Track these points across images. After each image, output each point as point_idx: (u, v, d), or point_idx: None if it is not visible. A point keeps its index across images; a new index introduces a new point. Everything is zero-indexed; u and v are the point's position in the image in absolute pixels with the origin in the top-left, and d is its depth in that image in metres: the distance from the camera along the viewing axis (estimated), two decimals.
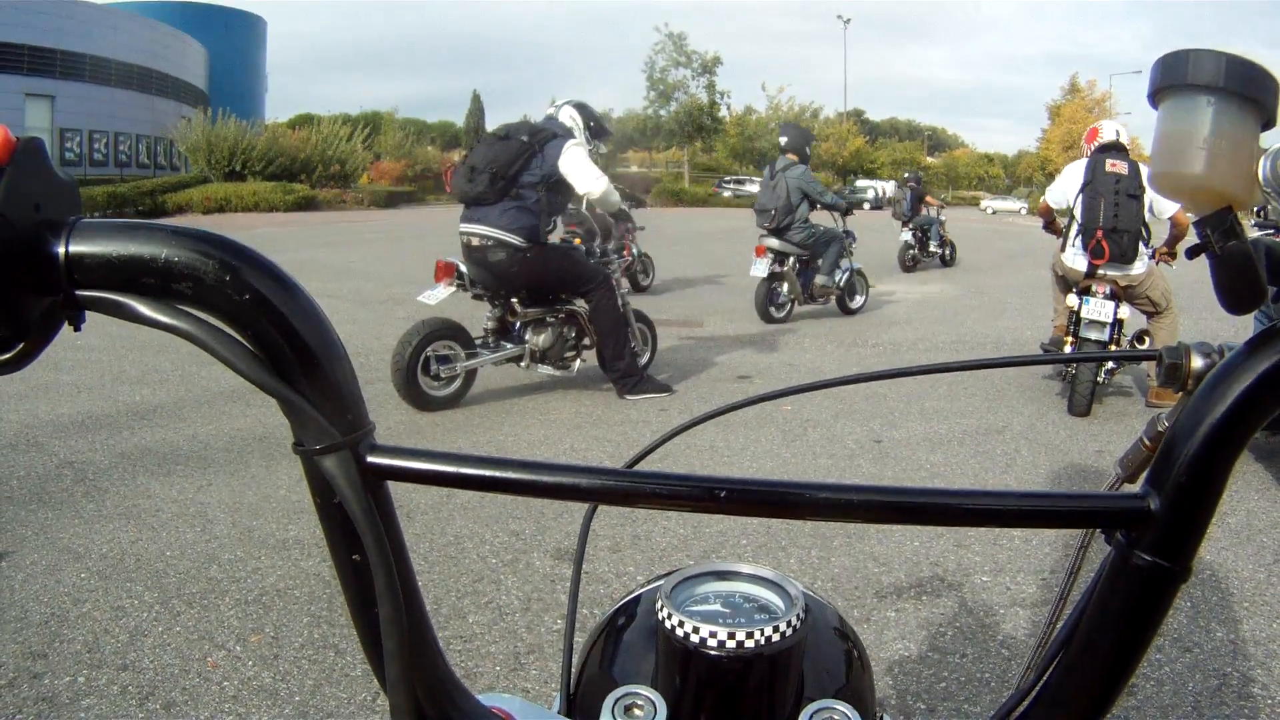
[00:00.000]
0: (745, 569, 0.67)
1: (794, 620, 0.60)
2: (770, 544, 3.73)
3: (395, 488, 0.52)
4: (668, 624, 0.61)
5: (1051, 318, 6.58)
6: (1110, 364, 6.00)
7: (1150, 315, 6.03)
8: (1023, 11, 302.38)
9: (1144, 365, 6.24)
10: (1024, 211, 54.26)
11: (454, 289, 5.71)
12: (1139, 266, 5.74)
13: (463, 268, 5.63)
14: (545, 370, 6.05)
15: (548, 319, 5.97)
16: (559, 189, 5.62)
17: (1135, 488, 0.52)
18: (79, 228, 0.43)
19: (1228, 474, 0.48)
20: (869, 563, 3.56)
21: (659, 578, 0.73)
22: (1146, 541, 0.49)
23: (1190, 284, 5.78)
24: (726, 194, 49.22)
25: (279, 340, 0.46)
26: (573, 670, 0.78)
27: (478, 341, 5.83)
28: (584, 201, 6.43)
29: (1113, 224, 5.60)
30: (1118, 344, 5.77)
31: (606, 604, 3.20)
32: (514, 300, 5.79)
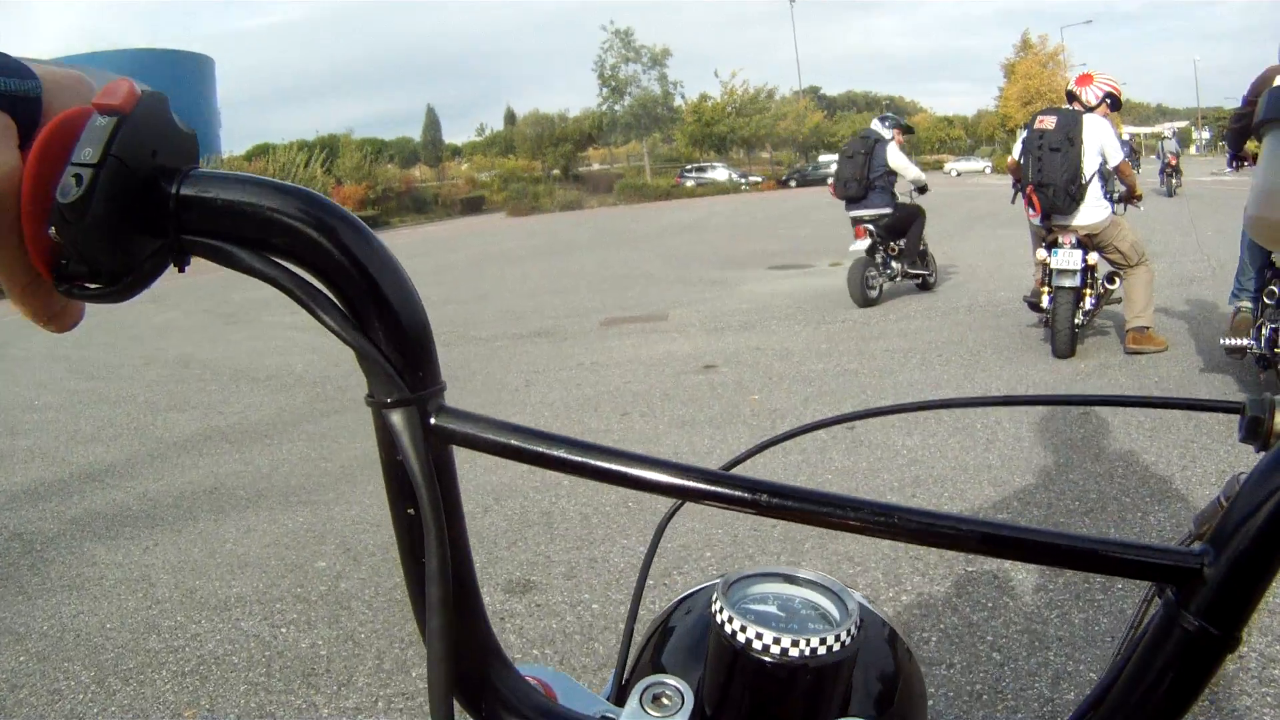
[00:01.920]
0: (806, 575, 0.65)
1: (844, 635, 0.57)
2: (736, 554, 3.59)
3: None
4: (719, 620, 0.59)
5: (1032, 272, 6.75)
6: (1089, 304, 6.19)
7: (1122, 268, 6.13)
8: None
9: (1121, 308, 6.43)
10: (988, 171, 54.53)
11: (869, 240, 8.97)
12: (1092, 215, 5.92)
13: (871, 227, 8.97)
14: (912, 274, 9.55)
15: (903, 244, 9.38)
16: (891, 173, 9.04)
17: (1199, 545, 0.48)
18: (191, 176, 0.46)
19: None
20: (843, 563, 3.43)
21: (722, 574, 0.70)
22: (1197, 603, 0.46)
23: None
24: (689, 183, 49.18)
25: (362, 295, 0.48)
26: (629, 658, 0.79)
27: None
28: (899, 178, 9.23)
29: (1038, 179, 5.87)
30: (1091, 289, 6.10)
31: (520, 637, 3.13)
32: (890, 241, 9.30)
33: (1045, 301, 6.25)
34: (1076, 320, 6.16)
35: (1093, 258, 6.01)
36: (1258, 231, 0.89)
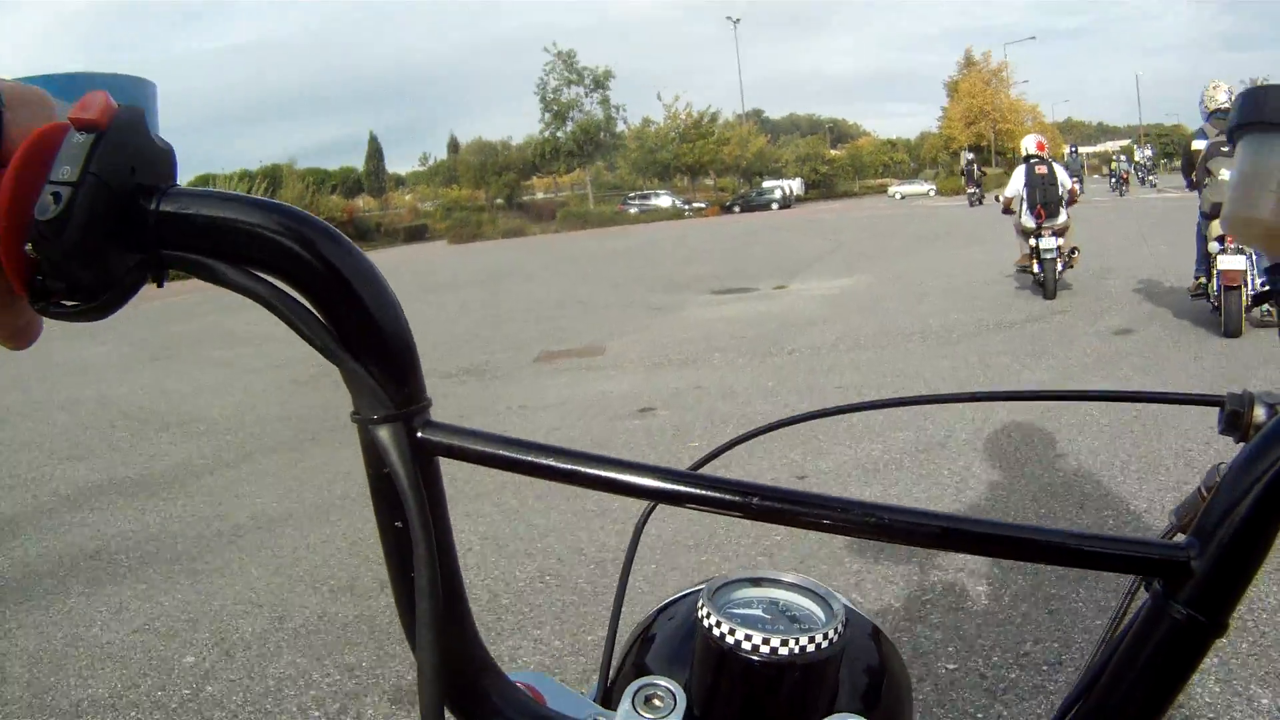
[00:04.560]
0: (789, 578, 0.65)
1: (831, 633, 0.58)
2: (706, 569, 3.03)
3: None
4: (705, 623, 0.59)
5: (1016, 259, 10.79)
6: (1060, 267, 9.95)
7: (1069, 244, 10.15)
8: None
9: (1073, 259, 10.27)
10: (932, 193, 54.77)
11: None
12: (1062, 217, 10.00)
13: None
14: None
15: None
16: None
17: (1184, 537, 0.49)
18: (170, 193, 0.46)
19: (1276, 531, 0.46)
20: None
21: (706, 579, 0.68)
22: (1184, 594, 0.47)
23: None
24: (633, 210, 48.89)
25: (346, 312, 0.47)
26: (612, 662, 0.79)
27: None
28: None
29: (1043, 200, 9.93)
30: (1062, 258, 9.96)
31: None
32: None
33: (1036, 268, 10.06)
34: (1055, 277, 9.95)
35: (1059, 240, 9.90)
36: (1234, 229, 0.68)
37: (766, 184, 55.53)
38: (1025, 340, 7.84)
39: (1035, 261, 10.00)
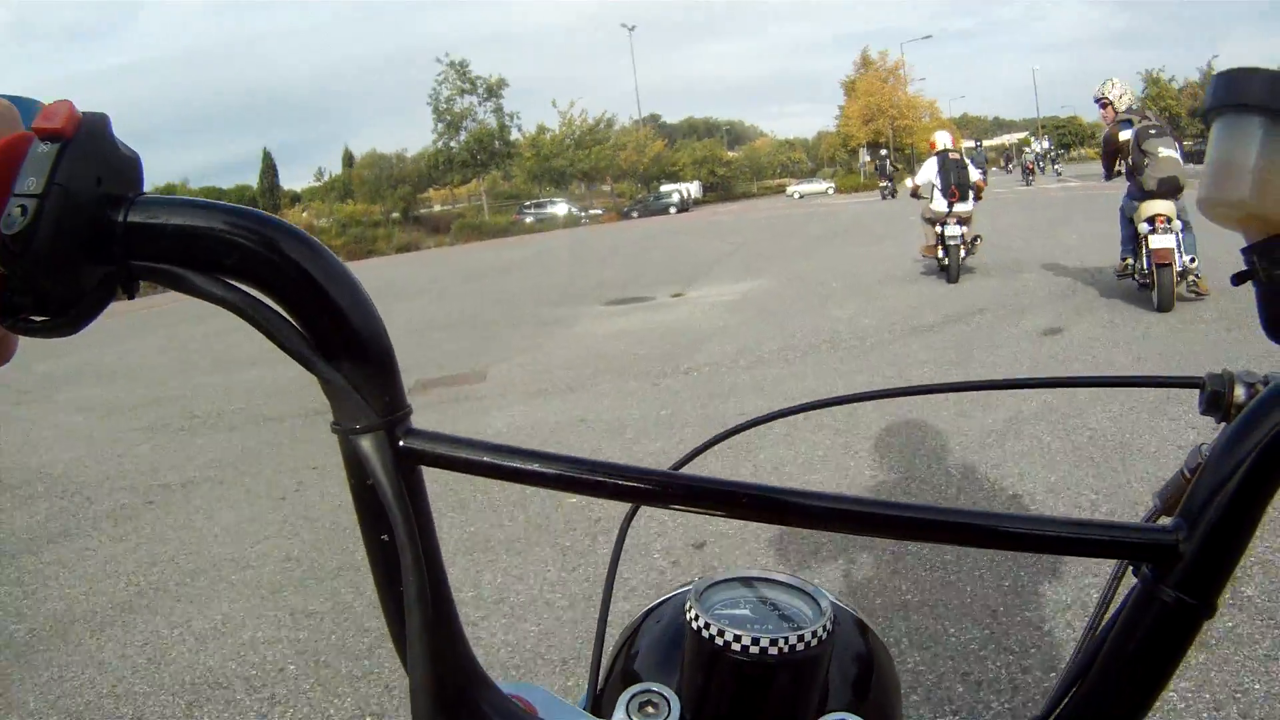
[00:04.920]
0: (777, 577, 0.67)
1: (820, 630, 0.60)
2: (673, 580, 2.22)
3: None
4: (695, 625, 0.61)
5: (922, 244, 11.27)
6: (964, 253, 10.59)
7: (971, 232, 10.75)
8: None
9: (975, 246, 10.88)
10: (831, 191, 54.90)
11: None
12: (968, 205, 10.51)
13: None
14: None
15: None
16: None
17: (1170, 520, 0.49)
18: (138, 202, 0.45)
19: (1263, 511, 0.46)
20: None
21: (691, 581, 0.71)
22: (1173, 577, 0.47)
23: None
24: (529, 220, 47.98)
25: (323, 319, 0.46)
26: (601, 668, 0.79)
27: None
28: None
29: (957, 181, 10.40)
30: (965, 245, 10.54)
31: None
32: None
33: (940, 253, 10.70)
34: (959, 262, 10.56)
35: (964, 228, 10.53)
36: (1208, 211, 0.49)
37: (664, 188, 55.17)
38: (946, 346, 7.17)
39: (941, 248, 10.68)
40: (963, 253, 10.60)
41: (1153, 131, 7.65)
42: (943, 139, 11.01)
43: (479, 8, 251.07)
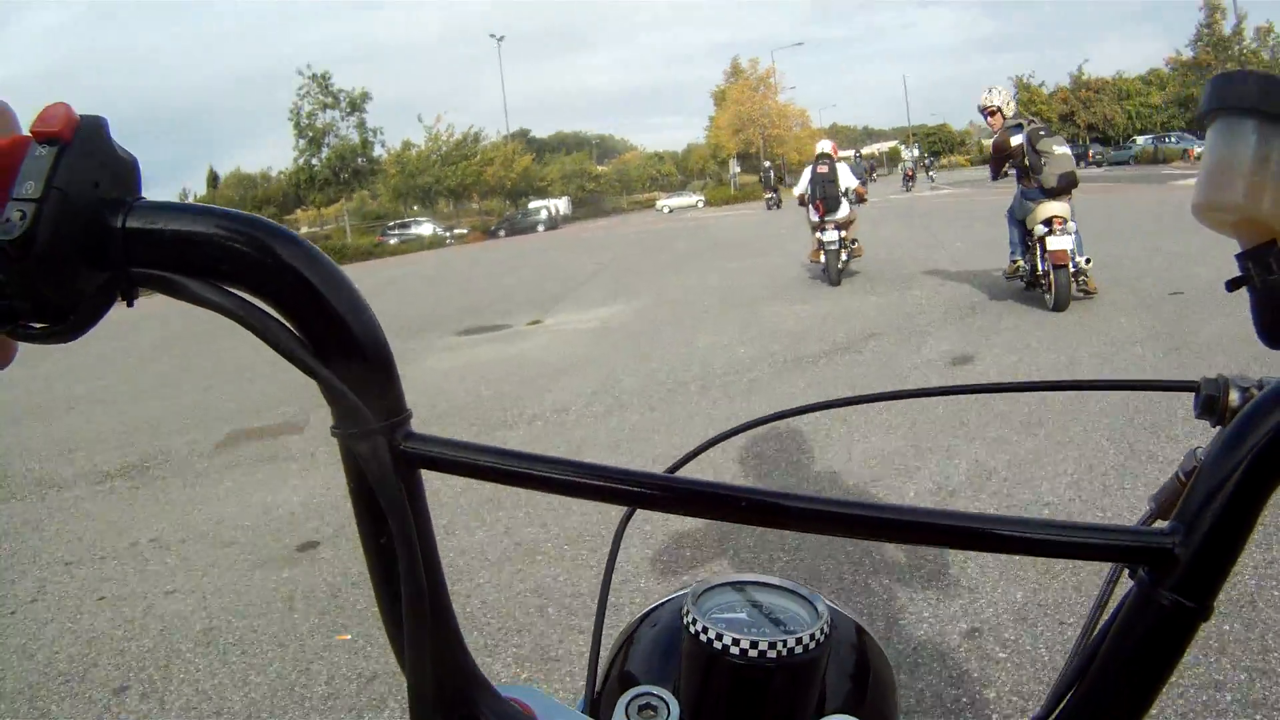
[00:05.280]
0: (773, 581, 0.68)
1: (817, 634, 0.61)
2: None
3: None
4: (693, 629, 0.62)
5: (809, 253, 11.74)
6: (844, 257, 11.24)
7: (852, 237, 11.32)
8: (680, 6, 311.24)
9: (856, 249, 11.49)
10: (701, 204, 54.57)
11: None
12: (843, 211, 10.95)
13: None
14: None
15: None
16: None
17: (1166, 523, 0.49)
18: (137, 207, 0.45)
19: (1258, 514, 0.46)
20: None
21: (687, 586, 0.72)
22: (1170, 580, 0.47)
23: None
24: (393, 241, 46.19)
25: (321, 324, 0.46)
26: (599, 671, 0.79)
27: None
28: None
29: (823, 196, 10.83)
30: (846, 248, 11.20)
31: None
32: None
33: (822, 258, 11.15)
34: (839, 265, 11.13)
35: (842, 233, 11.01)
36: (1204, 215, 0.53)
37: (533, 205, 54.00)
38: (838, 381, 6.39)
39: (821, 253, 11.20)
40: (844, 255, 11.23)
41: (1043, 132, 7.96)
42: (822, 146, 11.47)
43: (349, 22, 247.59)
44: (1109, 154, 49.99)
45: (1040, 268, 7.97)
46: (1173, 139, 48.20)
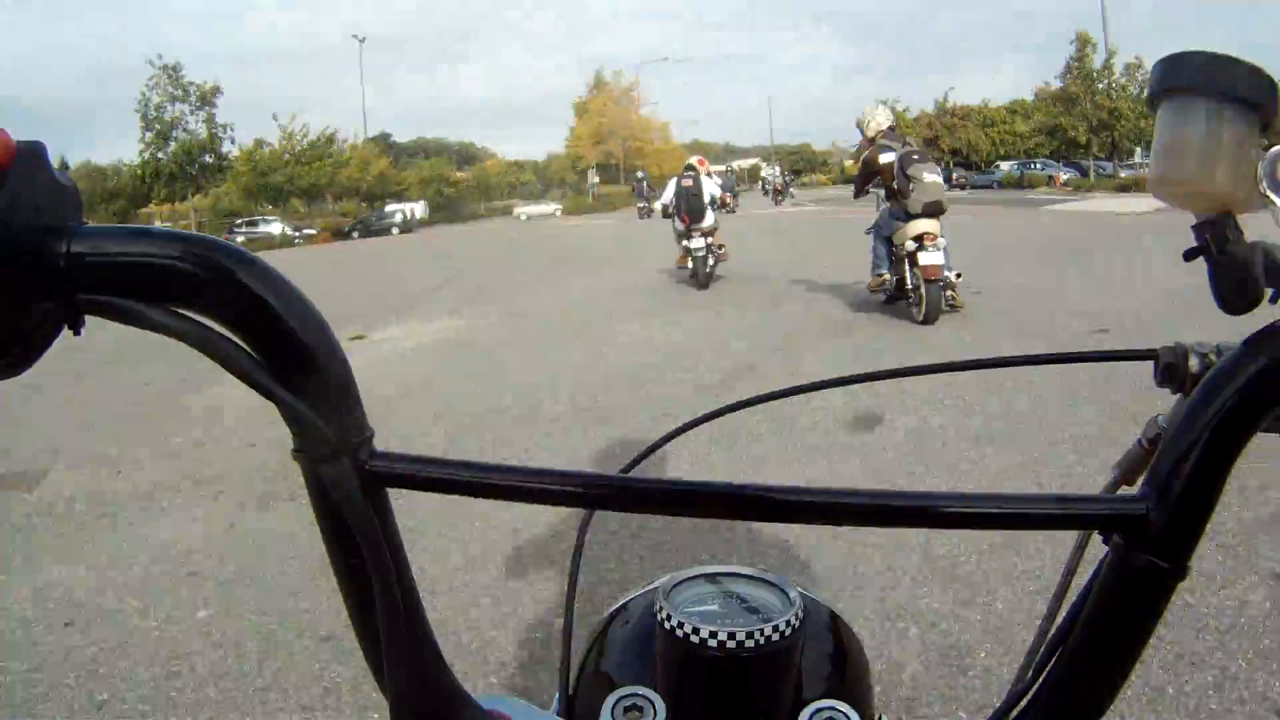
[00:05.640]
0: (743, 570, 0.67)
1: (792, 620, 0.61)
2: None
3: None
4: (667, 624, 0.61)
5: (676, 258, 12.48)
6: (711, 262, 12.05)
7: (718, 243, 12.15)
8: (551, 19, 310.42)
9: (722, 254, 12.39)
10: (558, 214, 54.06)
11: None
12: (709, 220, 11.90)
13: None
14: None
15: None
16: None
17: (1133, 489, 0.51)
18: (80, 232, 0.43)
19: (1226, 476, 0.47)
20: None
21: (656, 580, 0.71)
22: (1145, 544, 0.47)
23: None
24: (240, 239, 43.92)
25: (279, 345, 0.45)
26: (571, 672, 0.78)
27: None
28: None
29: (688, 207, 11.77)
30: (712, 253, 12.04)
31: None
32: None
33: (689, 264, 11.97)
34: (706, 270, 11.95)
35: (709, 240, 11.89)
36: (1159, 190, 0.49)
37: (389, 207, 52.93)
38: (713, 441, 5.18)
39: (689, 259, 11.94)
40: (711, 260, 12.07)
41: (915, 157, 8.16)
42: (690, 161, 12.65)
43: (216, 18, 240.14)
44: (972, 178, 52.13)
45: (910, 282, 8.19)
46: (1038, 165, 50.73)
